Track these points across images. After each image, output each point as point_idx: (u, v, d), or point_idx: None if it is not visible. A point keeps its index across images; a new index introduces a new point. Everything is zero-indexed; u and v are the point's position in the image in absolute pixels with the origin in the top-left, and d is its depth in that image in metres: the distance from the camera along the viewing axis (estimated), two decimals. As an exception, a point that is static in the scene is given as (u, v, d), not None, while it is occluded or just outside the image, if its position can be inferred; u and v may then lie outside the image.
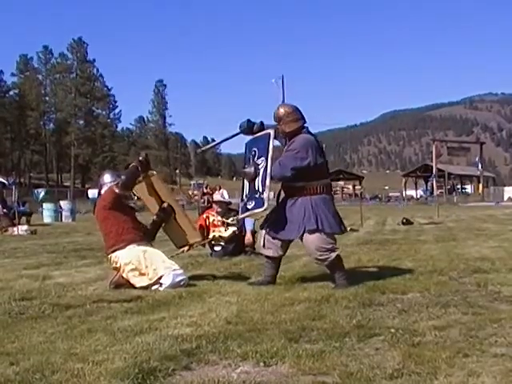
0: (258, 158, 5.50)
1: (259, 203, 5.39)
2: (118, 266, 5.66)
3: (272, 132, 5.49)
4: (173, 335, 3.57)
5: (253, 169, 5.50)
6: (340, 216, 5.61)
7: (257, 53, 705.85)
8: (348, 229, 13.95)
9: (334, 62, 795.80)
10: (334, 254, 5.33)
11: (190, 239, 6.26)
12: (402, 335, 3.48)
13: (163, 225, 6.18)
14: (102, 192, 6.09)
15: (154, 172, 6.24)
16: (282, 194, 5.67)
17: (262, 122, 5.78)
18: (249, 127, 5.72)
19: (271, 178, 5.34)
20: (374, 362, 2.99)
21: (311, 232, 5.28)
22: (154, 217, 6.10)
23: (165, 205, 6.08)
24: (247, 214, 5.65)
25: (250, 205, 5.50)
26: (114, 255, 5.71)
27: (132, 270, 5.57)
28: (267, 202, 5.33)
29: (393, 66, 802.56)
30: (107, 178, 6.21)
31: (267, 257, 5.64)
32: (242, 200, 5.67)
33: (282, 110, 5.58)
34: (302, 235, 5.34)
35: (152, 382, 2.74)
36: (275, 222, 5.51)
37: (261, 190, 5.39)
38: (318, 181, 5.43)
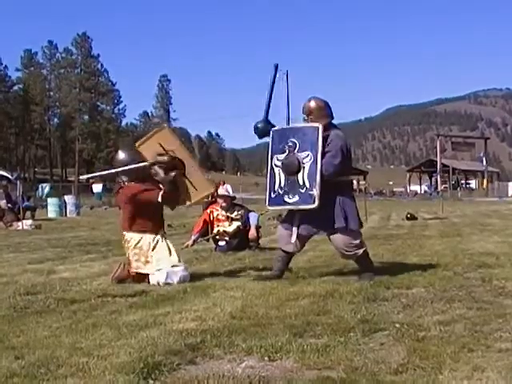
0: (301, 151, 5.28)
1: (307, 199, 5.22)
2: (128, 245, 5.68)
3: (321, 126, 5.25)
4: (177, 330, 3.57)
5: (296, 162, 5.28)
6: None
7: (261, 47, 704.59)
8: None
9: (339, 56, 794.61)
10: (361, 251, 5.38)
11: (202, 192, 6.02)
12: (407, 330, 3.47)
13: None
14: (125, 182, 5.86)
15: (165, 125, 5.90)
16: None
17: (268, 121, 5.62)
18: (266, 130, 5.58)
19: (322, 174, 5.17)
20: (378, 356, 2.98)
21: (340, 230, 5.27)
22: (162, 192, 5.65)
23: (171, 175, 5.67)
24: (288, 207, 5.46)
25: (291, 199, 5.32)
26: (127, 235, 5.74)
27: (137, 254, 5.61)
28: (318, 200, 5.16)
29: (397, 60, 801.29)
30: (122, 156, 5.92)
31: (284, 251, 5.55)
32: (275, 191, 5.46)
33: (313, 104, 5.40)
34: (332, 233, 5.32)
35: (157, 377, 2.74)
36: (304, 217, 5.36)
37: (308, 185, 5.22)
38: (347, 177, 5.44)
